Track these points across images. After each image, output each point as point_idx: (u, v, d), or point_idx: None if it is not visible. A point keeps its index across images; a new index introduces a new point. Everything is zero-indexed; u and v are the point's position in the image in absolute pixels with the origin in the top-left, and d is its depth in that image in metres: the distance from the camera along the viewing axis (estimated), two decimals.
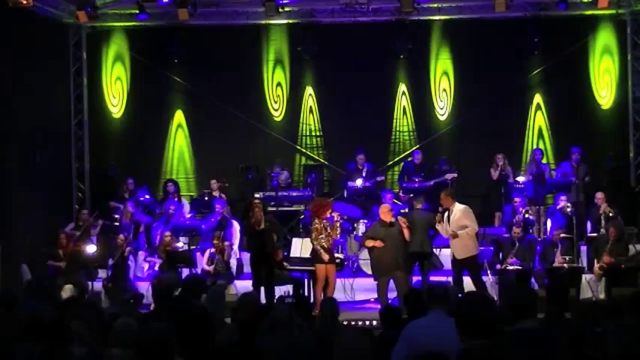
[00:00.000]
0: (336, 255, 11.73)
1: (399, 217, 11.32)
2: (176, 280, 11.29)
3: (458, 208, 11.35)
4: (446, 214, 11.44)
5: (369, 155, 14.95)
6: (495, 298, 11.54)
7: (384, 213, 11.25)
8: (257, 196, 13.88)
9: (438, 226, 11.48)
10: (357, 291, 12.49)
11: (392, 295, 11.32)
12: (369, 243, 11.33)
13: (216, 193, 14.69)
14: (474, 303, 4.73)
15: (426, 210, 12.26)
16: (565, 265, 12.14)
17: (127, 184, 15.01)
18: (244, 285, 12.14)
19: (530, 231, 13.37)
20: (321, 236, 11.24)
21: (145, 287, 12.17)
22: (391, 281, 11.21)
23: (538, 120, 15.78)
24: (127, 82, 16.26)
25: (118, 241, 12.81)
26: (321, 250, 11.25)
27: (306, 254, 11.84)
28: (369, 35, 15.57)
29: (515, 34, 15.32)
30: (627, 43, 15.23)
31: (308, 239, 11.81)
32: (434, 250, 13.57)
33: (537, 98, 15.78)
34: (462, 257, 11.22)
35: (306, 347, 5.89)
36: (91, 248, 12.78)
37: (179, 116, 16.32)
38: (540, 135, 15.75)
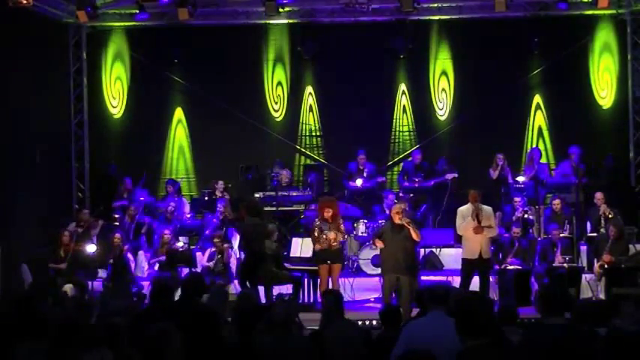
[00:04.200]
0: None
1: (402, 218, 10.92)
2: (177, 279, 11.35)
3: (486, 208, 11.27)
4: (464, 209, 11.28)
5: (369, 155, 14.96)
6: (495, 298, 11.55)
7: (393, 214, 11.08)
8: (257, 195, 14.00)
9: (464, 224, 11.18)
10: (357, 291, 12.49)
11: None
12: (378, 243, 11.17)
13: (219, 194, 14.71)
14: (474, 303, 4.74)
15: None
16: (565, 264, 12.14)
17: (125, 183, 15.03)
18: None
19: (530, 231, 13.38)
20: (323, 236, 11.25)
21: (145, 287, 12.21)
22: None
23: (538, 120, 15.78)
24: (127, 82, 16.26)
25: (114, 240, 12.82)
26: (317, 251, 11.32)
27: (307, 254, 11.84)
28: (369, 35, 15.58)
29: (515, 34, 15.31)
30: (627, 43, 15.23)
31: (309, 239, 11.82)
32: (433, 250, 13.66)
33: (537, 98, 15.76)
34: (487, 257, 11.17)
35: (306, 347, 5.90)
36: (91, 248, 12.77)
37: (179, 116, 16.32)
38: (540, 135, 15.74)
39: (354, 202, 14.46)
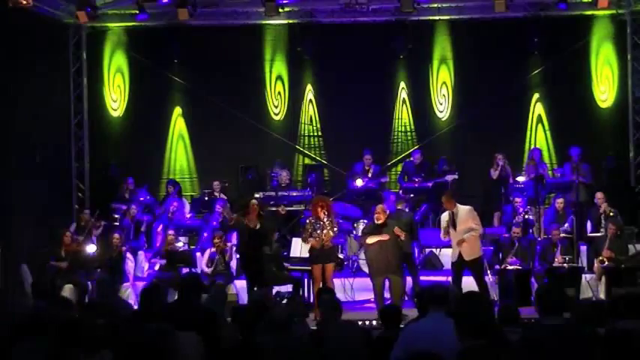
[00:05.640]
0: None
1: (395, 228, 10.94)
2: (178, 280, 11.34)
3: (462, 209, 11.20)
4: (444, 215, 11.35)
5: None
6: (495, 299, 11.55)
7: (376, 213, 11.08)
8: (257, 196, 13.92)
9: (441, 232, 11.40)
10: (357, 291, 12.48)
11: (388, 294, 11.28)
12: (370, 239, 11.18)
13: (217, 194, 14.72)
14: (474, 303, 4.74)
15: (408, 211, 12.52)
16: (565, 264, 12.14)
17: (127, 183, 15.04)
18: (244, 285, 12.14)
19: (530, 231, 13.37)
20: (310, 237, 11.22)
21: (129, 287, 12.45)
22: (387, 282, 11.12)
23: (538, 120, 15.78)
24: (127, 82, 16.27)
25: (113, 240, 12.81)
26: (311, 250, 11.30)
27: (306, 254, 11.82)
28: (369, 35, 15.57)
29: (515, 34, 15.31)
30: (627, 43, 15.24)
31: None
32: (433, 250, 13.65)
33: (537, 98, 15.78)
34: (470, 259, 11.10)
35: (306, 347, 5.90)
36: (91, 248, 12.77)
37: (179, 116, 16.33)
38: (540, 135, 15.74)
39: (354, 202, 14.46)
